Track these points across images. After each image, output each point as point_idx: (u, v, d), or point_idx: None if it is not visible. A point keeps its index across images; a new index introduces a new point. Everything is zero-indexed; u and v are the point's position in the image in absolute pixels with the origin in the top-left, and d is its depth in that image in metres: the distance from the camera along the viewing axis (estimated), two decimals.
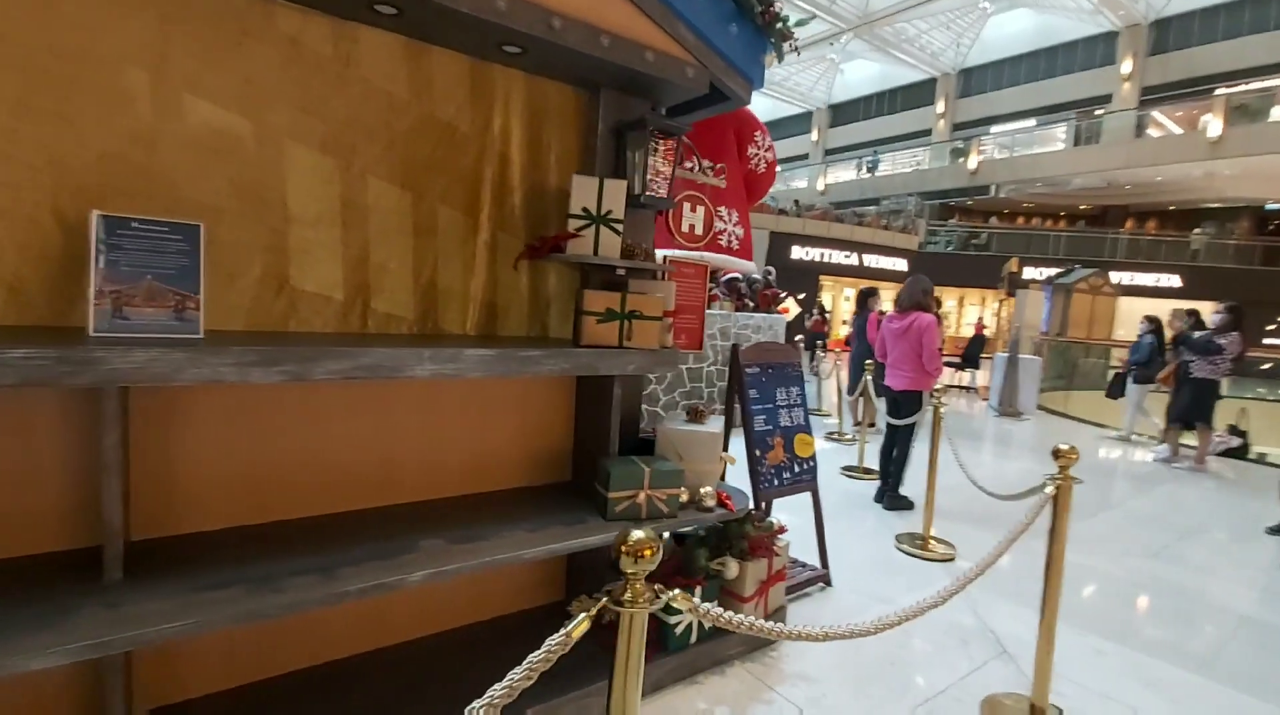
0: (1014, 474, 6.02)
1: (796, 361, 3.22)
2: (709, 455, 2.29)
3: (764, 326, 7.33)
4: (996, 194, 25.22)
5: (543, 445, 2.44)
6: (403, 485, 2.14)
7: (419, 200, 2.20)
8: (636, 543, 1.01)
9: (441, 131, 2.19)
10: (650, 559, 1.01)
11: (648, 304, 2.21)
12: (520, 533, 1.93)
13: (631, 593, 1.04)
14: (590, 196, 2.22)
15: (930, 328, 4.24)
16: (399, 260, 2.21)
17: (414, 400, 2.16)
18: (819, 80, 32.11)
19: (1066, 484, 2.01)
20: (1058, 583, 2.08)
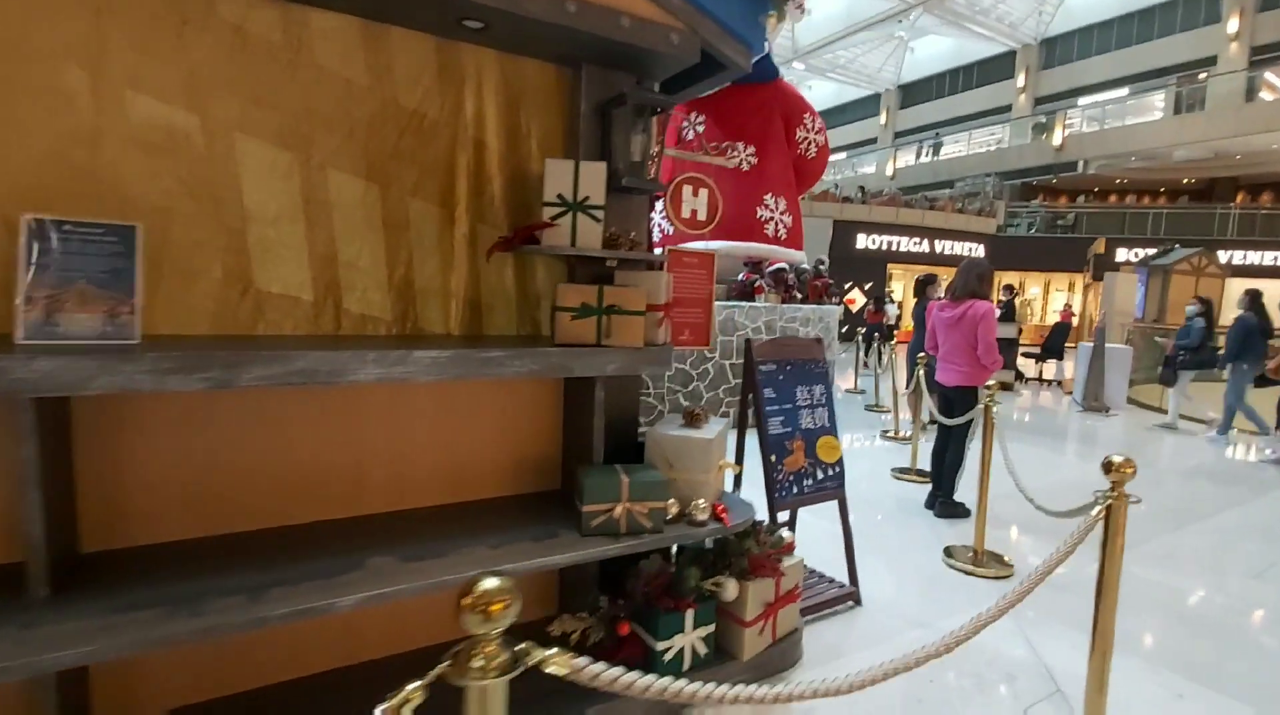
0: (1090, 478, 5.43)
1: (820, 357, 2.92)
2: (702, 463, 2.06)
3: (813, 319, 6.95)
4: (1085, 171, 23.36)
5: (528, 452, 2.28)
6: (370, 496, 2.02)
7: (387, 192, 2.08)
8: (483, 595, 0.82)
9: (407, 118, 2.06)
10: (501, 615, 0.81)
11: (628, 298, 2.00)
12: (481, 550, 1.77)
13: (483, 659, 0.84)
14: (565, 182, 2.04)
15: (987, 317, 3.82)
16: (370, 257, 2.09)
17: (382, 405, 2.04)
18: (887, 60, 30.69)
19: (1120, 502, 1.67)
20: (1110, 618, 1.74)
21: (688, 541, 2.01)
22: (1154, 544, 3.85)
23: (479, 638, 0.83)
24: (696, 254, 2.57)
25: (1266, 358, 6.71)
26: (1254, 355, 6.71)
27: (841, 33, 26.84)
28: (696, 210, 2.53)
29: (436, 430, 2.12)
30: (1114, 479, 1.67)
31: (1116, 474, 1.66)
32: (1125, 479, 1.66)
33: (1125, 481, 1.67)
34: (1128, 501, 1.67)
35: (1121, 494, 1.67)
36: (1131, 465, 1.67)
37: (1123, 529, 1.69)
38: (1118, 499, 1.67)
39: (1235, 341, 6.77)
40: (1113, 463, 1.67)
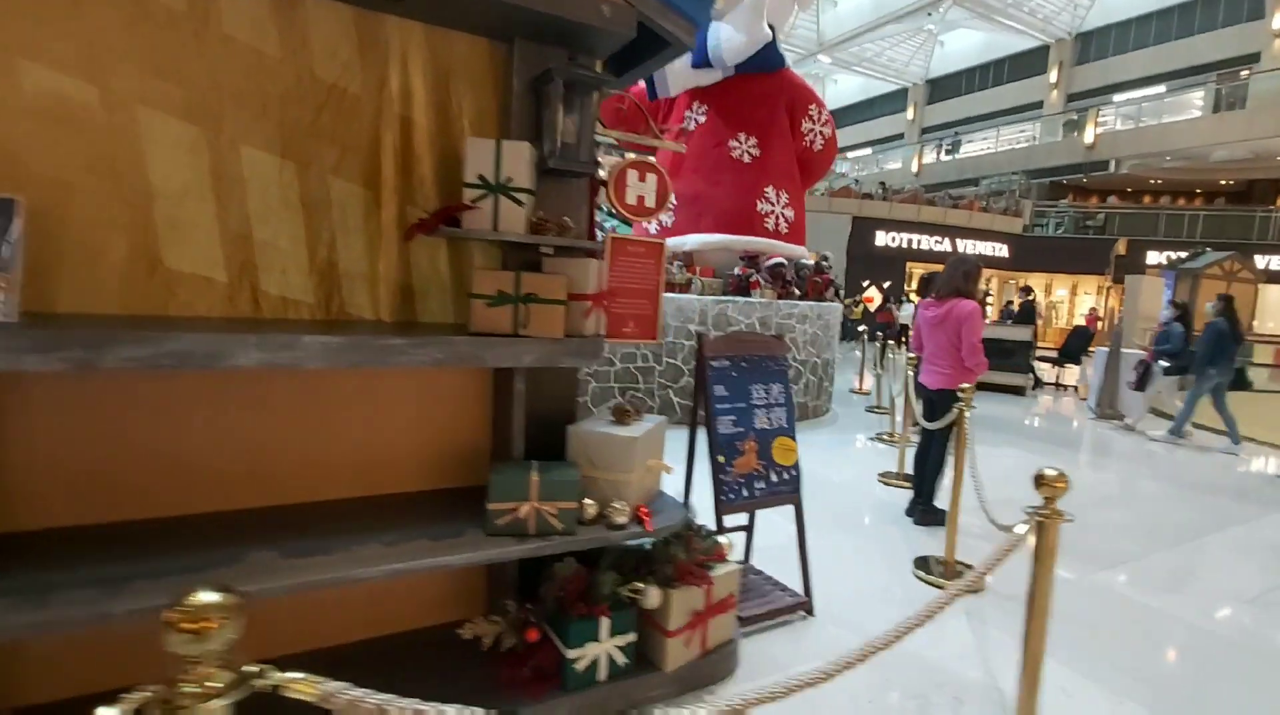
0: (1084, 489, 5.21)
1: (780, 354, 2.79)
2: (624, 462, 1.95)
3: (811, 316, 6.77)
4: (1116, 170, 22.63)
5: (453, 445, 2.19)
6: (278, 487, 1.95)
7: (306, 171, 1.99)
8: (198, 610, 0.72)
9: (326, 94, 1.97)
10: (214, 636, 0.71)
11: (548, 286, 1.89)
12: (373, 547, 1.68)
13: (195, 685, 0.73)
14: (487, 162, 1.94)
15: (971, 317, 3.64)
16: (289, 238, 2.01)
17: (292, 393, 1.96)
18: (916, 54, 30.08)
19: (1051, 521, 1.52)
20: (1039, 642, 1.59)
21: (603, 545, 1.90)
22: (1150, 561, 3.66)
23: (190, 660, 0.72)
24: (643, 242, 2.45)
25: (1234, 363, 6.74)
26: (1224, 361, 6.64)
27: (869, 25, 26.33)
28: (644, 196, 2.40)
29: (353, 420, 2.04)
30: (1046, 494, 1.53)
31: (1048, 489, 1.51)
32: (1057, 495, 1.51)
33: (1058, 497, 1.52)
34: (1060, 519, 1.53)
35: (1054, 511, 1.52)
36: (1064, 480, 1.52)
37: (1055, 548, 1.54)
38: (1050, 516, 1.52)
39: (1207, 347, 6.69)
40: (1044, 477, 1.52)
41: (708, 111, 7.31)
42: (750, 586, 2.77)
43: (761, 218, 7.01)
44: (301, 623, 2.04)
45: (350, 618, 2.13)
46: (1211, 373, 6.69)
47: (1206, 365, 6.71)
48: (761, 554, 3.16)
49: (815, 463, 5.25)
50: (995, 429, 7.33)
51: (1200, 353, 6.77)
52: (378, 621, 2.17)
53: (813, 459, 5.36)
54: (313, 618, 2.06)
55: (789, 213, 7.22)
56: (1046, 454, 6.25)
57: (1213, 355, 6.67)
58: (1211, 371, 6.69)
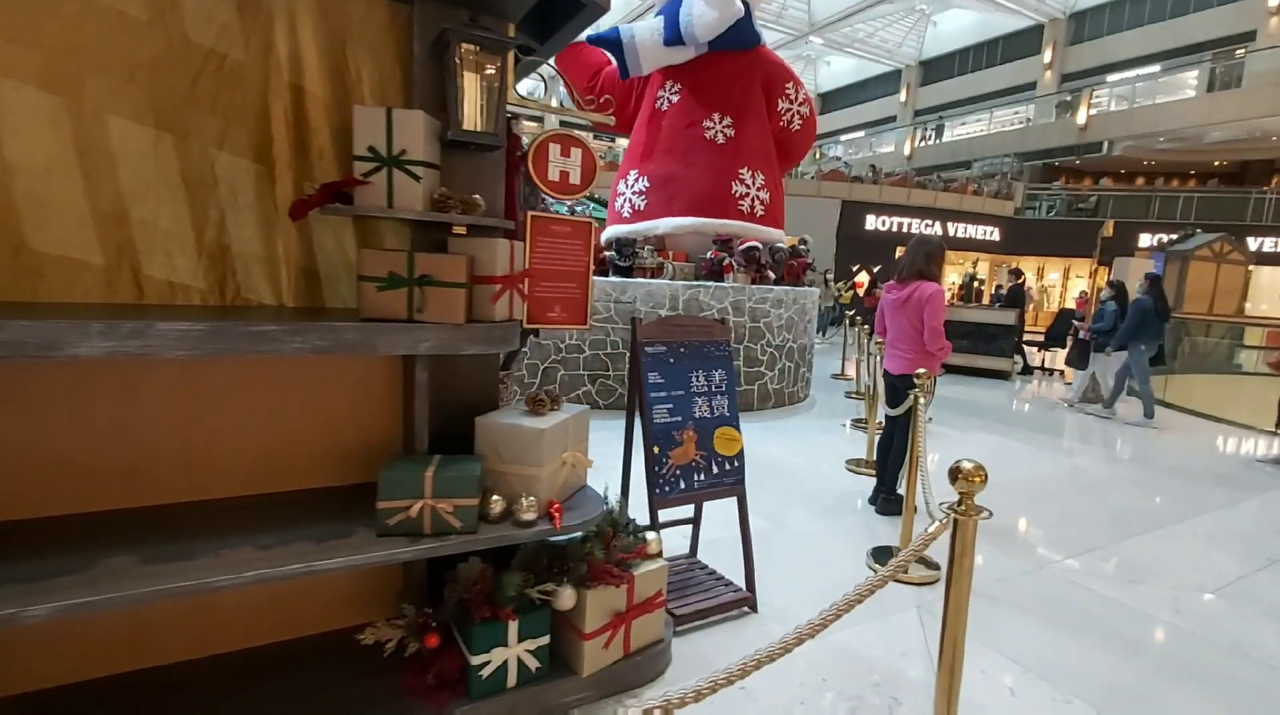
0: (1060, 473, 5.11)
1: (723, 339, 2.65)
2: (533, 455, 1.82)
3: (787, 300, 6.63)
4: (1110, 152, 22.44)
5: (359, 438, 2.06)
6: (158, 485, 1.81)
7: (185, 143, 1.84)
8: None
9: (203, 60, 1.81)
10: None
11: (446, 266, 1.75)
12: (246, 551, 1.55)
13: None
14: (377, 133, 1.79)
15: (934, 299, 3.51)
16: (171, 217, 1.86)
17: (171, 380, 1.82)
18: (908, 34, 29.67)
19: (968, 518, 1.40)
20: (957, 647, 1.47)
21: (509, 544, 1.77)
22: (1110, 551, 3.56)
23: None
24: (570, 221, 2.30)
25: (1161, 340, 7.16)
26: (1149, 337, 6.96)
27: (860, 5, 25.91)
28: (568, 173, 2.25)
29: (244, 413, 1.90)
30: (961, 490, 1.40)
31: (964, 484, 1.39)
32: (975, 490, 1.39)
33: (975, 493, 1.39)
34: (977, 515, 1.40)
35: (970, 506, 1.40)
36: (981, 473, 1.39)
37: (971, 547, 1.42)
38: (966, 513, 1.40)
39: (1132, 324, 6.99)
40: (960, 470, 1.39)
41: (681, 90, 7.12)
42: (692, 582, 2.66)
43: (736, 200, 6.84)
44: (196, 628, 1.92)
45: (254, 622, 2.01)
46: (1141, 348, 7.00)
47: (1134, 341, 6.99)
48: (713, 547, 3.05)
49: (783, 450, 5.14)
50: (975, 414, 7.23)
51: (1124, 329, 7.03)
52: (285, 624, 2.05)
53: (781, 446, 5.26)
54: (210, 622, 1.94)
55: (765, 195, 7.05)
56: (1023, 439, 6.15)
57: (1136, 331, 6.93)
58: (1141, 347, 7.00)
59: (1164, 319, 7.04)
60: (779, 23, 27.38)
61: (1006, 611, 2.76)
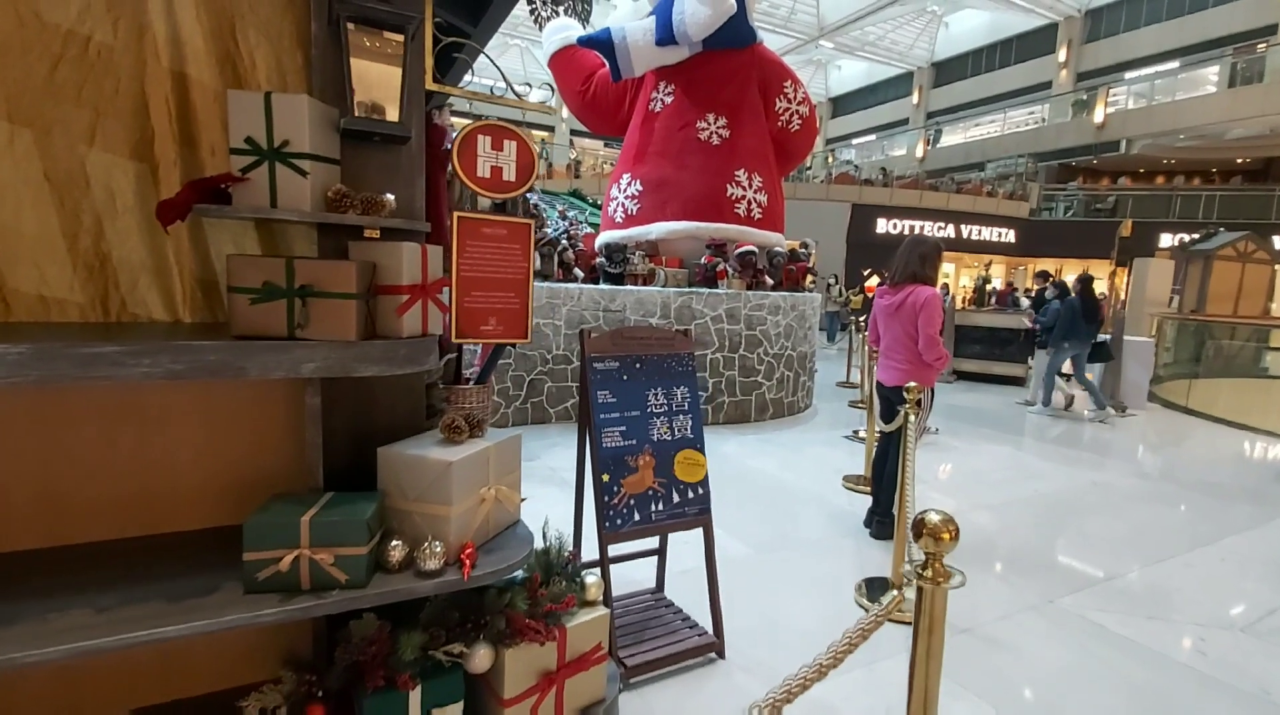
0: (1077, 488, 4.76)
1: (685, 352, 2.39)
2: (440, 492, 1.57)
3: (784, 306, 6.34)
4: (1128, 151, 21.87)
5: (257, 472, 1.81)
6: (11, 528, 1.58)
7: (47, 139, 1.61)
8: None
9: (62, 43, 1.59)
10: None
11: (332, 275, 1.51)
12: (79, 614, 1.31)
13: None
14: (256, 121, 1.55)
15: (929, 304, 3.22)
16: (37, 222, 1.64)
17: (25, 412, 1.59)
18: (920, 36, 29.29)
19: (936, 586, 1.12)
20: None
21: (405, 599, 1.52)
22: (1123, 581, 3.23)
23: None
24: (505, 223, 2.06)
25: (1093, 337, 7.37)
26: (1076, 336, 7.22)
27: (871, 7, 25.59)
28: (502, 168, 2.01)
29: (113, 444, 1.66)
30: (928, 550, 1.12)
31: (930, 542, 1.11)
32: (944, 550, 1.11)
33: (944, 553, 1.12)
34: (945, 581, 1.13)
35: (939, 571, 1.12)
36: (951, 529, 1.11)
37: (941, 620, 1.14)
38: (933, 579, 1.12)
39: (1060, 323, 7.25)
40: (925, 525, 1.11)
41: (674, 91, 6.88)
42: (654, 622, 2.39)
43: (732, 203, 6.58)
44: (61, 692, 1.68)
45: (138, 680, 1.76)
46: (1065, 346, 7.30)
47: (1061, 339, 7.28)
48: (686, 579, 2.78)
49: (776, 465, 4.85)
50: (985, 423, 6.88)
51: (1056, 328, 7.29)
52: (174, 684, 1.81)
53: (775, 461, 4.96)
54: (80, 684, 1.70)
55: (762, 197, 6.77)
56: (1035, 450, 5.80)
57: (1066, 330, 7.20)
58: (1065, 344, 7.29)
59: (1091, 320, 7.23)
60: (787, 27, 27.13)
61: (1008, 656, 2.46)
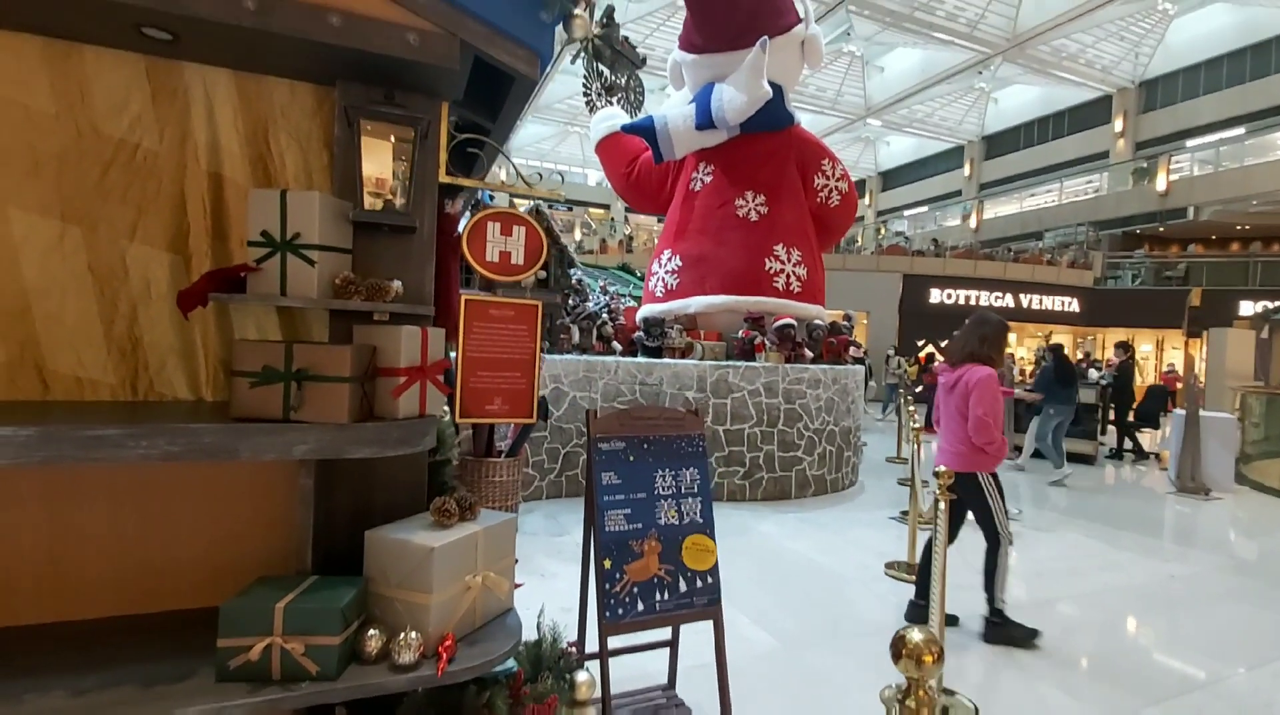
0: (1155, 582, 4.32)
1: (695, 432, 2.33)
2: (421, 579, 1.54)
3: (825, 380, 6.20)
4: (1196, 217, 21.06)
5: (254, 552, 1.83)
6: (17, 603, 1.63)
7: (93, 235, 1.76)
8: None
9: (114, 150, 1.75)
10: None
11: (328, 359, 1.56)
12: (57, 697, 1.32)
13: None
14: (271, 215, 1.66)
15: (982, 385, 3.04)
16: (78, 310, 1.77)
17: (33, 487, 1.66)
18: (969, 112, 29.60)
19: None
20: None
21: (376, 694, 1.47)
22: (1213, 691, 2.86)
23: None
24: (513, 305, 2.11)
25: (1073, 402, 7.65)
26: (1054, 400, 7.55)
27: (916, 87, 26.14)
28: (510, 253, 2.08)
29: (118, 520, 1.72)
30: (909, 674, 1.00)
31: (910, 666, 0.99)
32: (928, 675, 0.99)
33: (928, 678, 1.00)
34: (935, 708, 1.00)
35: (925, 698, 1.00)
36: (933, 650, 1.00)
37: None
38: (916, 709, 1.00)
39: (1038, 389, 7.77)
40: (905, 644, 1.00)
41: (713, 171, 7.09)
42: None
43: (770, 277, 6.60)
44: None
45: None
46: (1050, 412, 7.62)
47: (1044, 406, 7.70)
48: (702, 674, 2.61)
49: (814, 547, 4.61)
50: (1053, 507, 6.41)
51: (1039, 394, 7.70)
52: None
53: (812, 543, 4.72)
54: None
55: (801, 271, 6.78)
56: (1106, 538, 5.34)
57: (1045, 395, 7.60)
58: (1050, 411, 7.62)
59: (1066, 384, 7.55)
60: (835, 108, 27.90)
61: None
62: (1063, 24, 20.83)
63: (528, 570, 3.74)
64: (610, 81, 2.79)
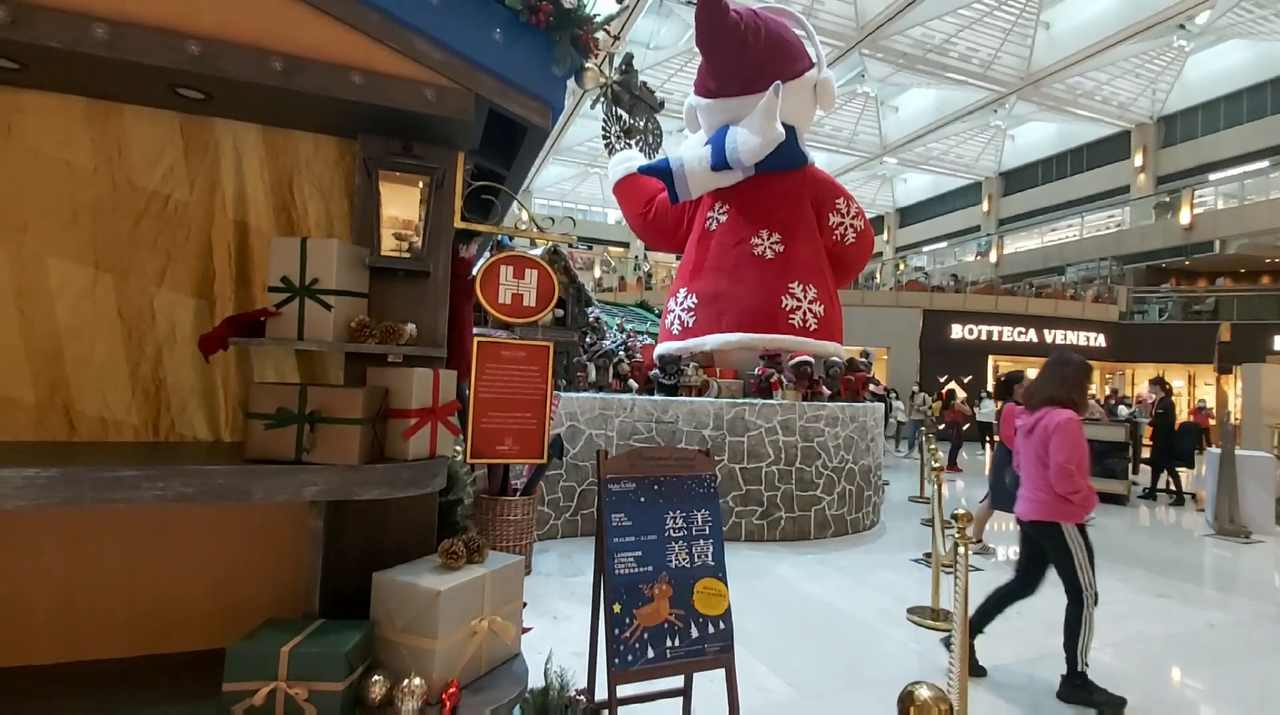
0: (1192, 633, 4.13)
1: (707, 472, 2.32)
2: (426, 624, 1.53)
3: (843, 418, 6.13)
4: (1223, 251, 20.75)
5: (266, 593, 1.84)
6: (31, 642, 1.65)
7: (124, 282, 1.84)
8: None
9: (146, 201, 1.84)
10: None
11: (339, 401, 1.59)
12: None
13: None
14: (291, 263, 1.72)
15: (1061, 429, 2.92)
16: (106, 353, 1.84)
17: (49, 527, 1.70)
18: (985, 149, 29.72)
19: None
20: None
21: None
22: None
23: None
24: (524, 346, 2.14)
25: None
26: None
27: (932, 126, 26.37)
28: (522, 295, 2.11)
29: (133, 560, 1.75)
30: None
31: None
32: None
33: None
34: None
35: None
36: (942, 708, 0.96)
37: None
38: None
39: None
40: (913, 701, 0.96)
41: (729, 210, 7.18)
42: None
43: (786, 314, 6.61)
44: None
45: None
46: None
47: None
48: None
49: (833, 591, 4.49)
50: None
51: None
52: None
53: (832, 586, 4.61)
54: None
55: (818, 308, 6.78)
56: (1141, 583, 5.14)
57: None
58: None
59: None
60: (851, 146, 28.21)
61: None
62: (1077, 63, 20.99)
63: (540, 612, 3.70)
64: (629, 124, 2.87)
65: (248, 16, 1.63)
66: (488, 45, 1.79)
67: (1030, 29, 20.62)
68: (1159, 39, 20.75)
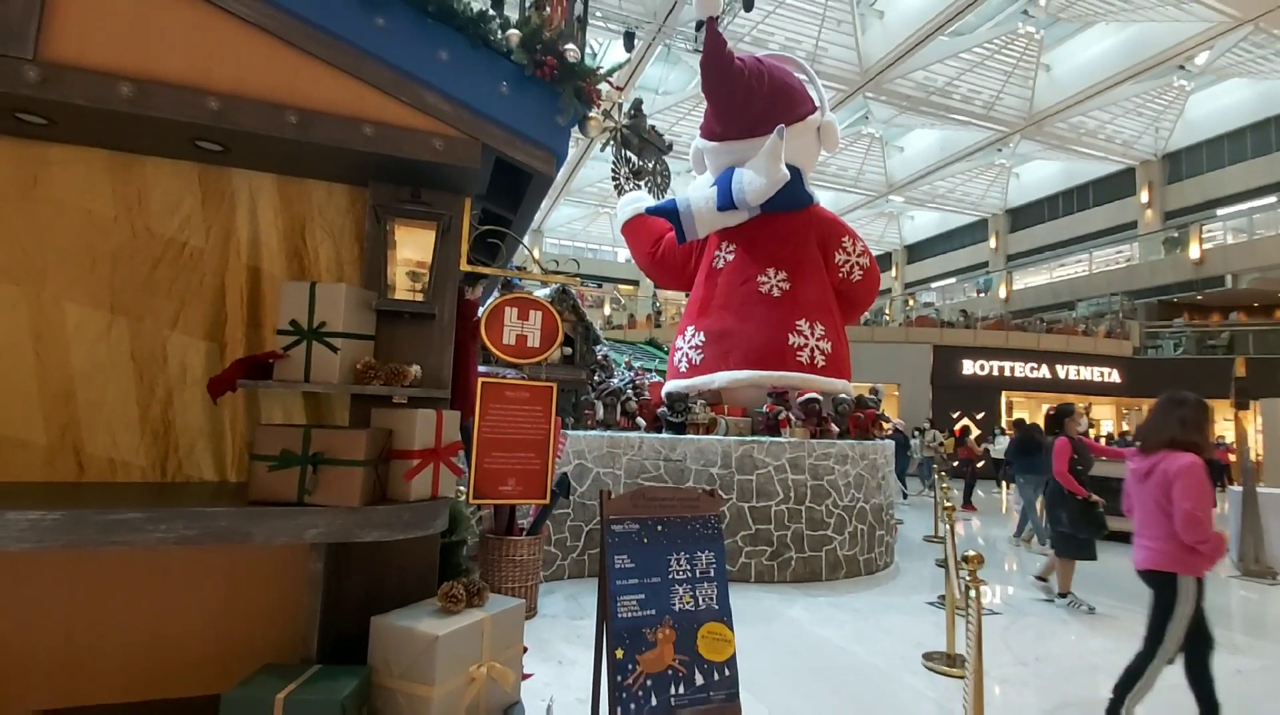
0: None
1: (712, 513, 2.30)
2: (423, 670, 1.52)
3: (853, 456, 6.07)
4: (1236, 285, 20.63)
5: (261, 637, 1.83)
6: (29, 687, 1.65)
7: (138, 326, 1.89)
8: None
9: (163, 248, 1.90)
10: None
11: (343, 443, 1.61)
12: None
13: None
14: (300, 306, 1.76)
15: (1186, 473, 2.76)
16: (118, 395, 1.87)
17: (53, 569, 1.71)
18: (991, 186, 29.96)
19: None
20: None
21: None
22: None
23: None
24: (527, 387, 2.16)
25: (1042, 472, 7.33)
26: (1024, 471, 7.98)
27: (936, 165, 26.68)
28: (526, 337, 2.14)
29: (134, 601, 1.75)
30: None
31: None
32: None
33: None
34: None
35: None
36: None
37: None
38: None
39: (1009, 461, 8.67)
40: None
41: (735, 250, 7.26)
42: None
43: (794, 351, 6.61)
44: None
45: None
46: (1020, 481, 8.23)
47: (1015, 475, 8.36)
48: None
49: (845, 635, 4.38)
50: (1107, 591, 6.02)
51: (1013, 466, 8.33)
52: None
53: (843, 630, 4.49)
54: None
55: (825, 345, 6.78)
56: None
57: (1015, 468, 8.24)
58: (1020, 480, 8.23)
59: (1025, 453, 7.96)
60: (857, 185, 28.56)
61: None
62: (1079, 102, 21.29)
63: (545, 656, 3.63)
64: (638, 166, 2.94)
65: (264, 74, 1.70)
66: (494, 97, 1.86)
67: (1031, 71, 20.99)
68: (1159, 79, 21.04)
